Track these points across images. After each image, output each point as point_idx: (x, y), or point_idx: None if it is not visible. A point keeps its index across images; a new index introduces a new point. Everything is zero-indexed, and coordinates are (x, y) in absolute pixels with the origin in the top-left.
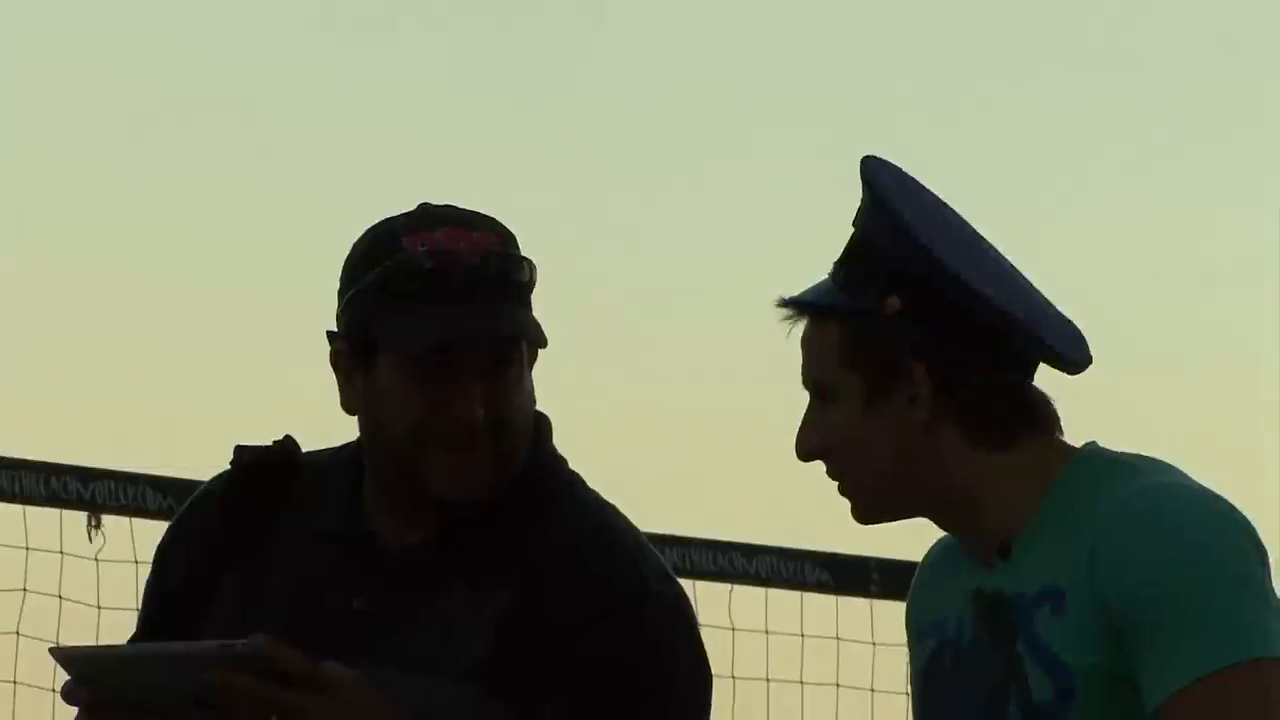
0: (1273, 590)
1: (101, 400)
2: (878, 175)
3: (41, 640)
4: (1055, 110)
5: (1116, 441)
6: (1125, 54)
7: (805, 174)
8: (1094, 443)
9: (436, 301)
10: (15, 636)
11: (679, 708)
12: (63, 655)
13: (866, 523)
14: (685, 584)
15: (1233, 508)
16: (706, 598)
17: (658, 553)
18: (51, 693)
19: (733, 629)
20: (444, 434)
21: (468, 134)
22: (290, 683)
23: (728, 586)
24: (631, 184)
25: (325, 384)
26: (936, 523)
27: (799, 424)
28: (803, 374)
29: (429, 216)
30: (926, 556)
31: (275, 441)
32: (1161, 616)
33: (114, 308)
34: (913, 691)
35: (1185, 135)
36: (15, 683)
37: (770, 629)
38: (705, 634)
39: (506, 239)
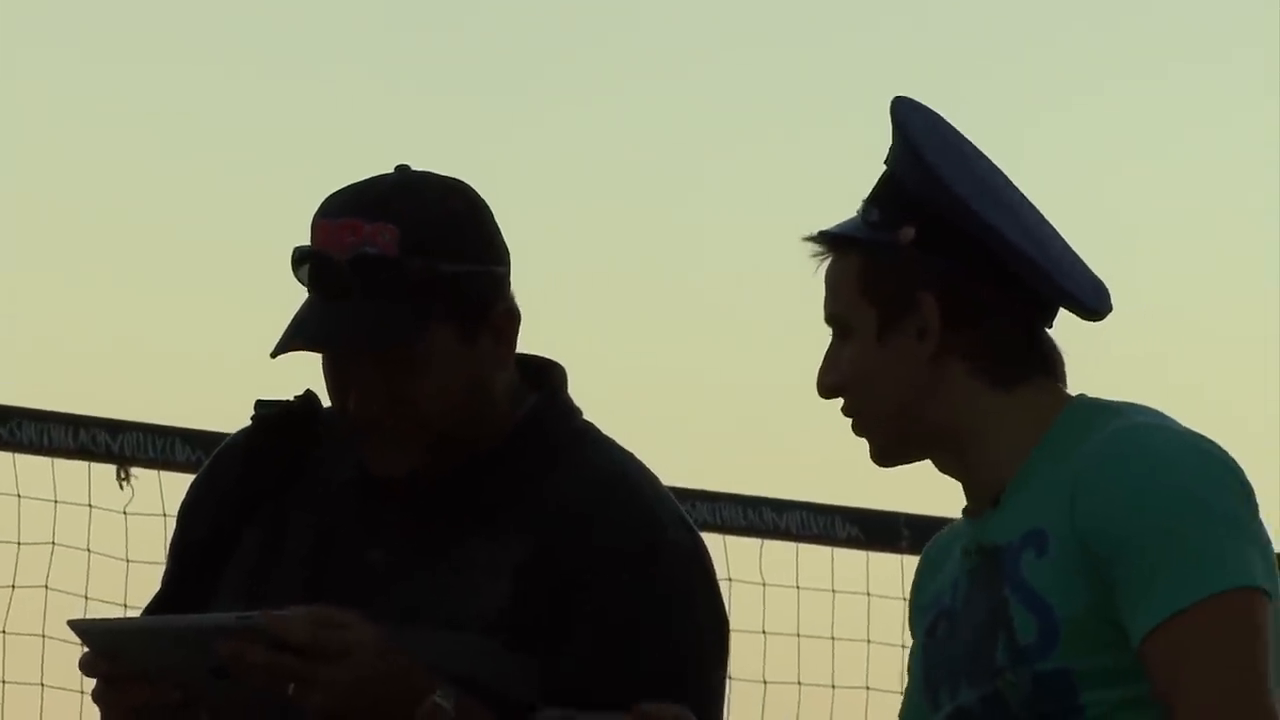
0: (1260, 527)
1: (130, 352)
2: (905, 113)
3: (70, 594)
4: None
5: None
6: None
7: (835, 131)
8: (1084, 394)
9: (309, 296)
10: (44, 590)
11: (696, 654)
12: (81, 627)
13: (883, 464)
14: (715, 539)
15: (1216, 446)
16: (737, 553)
17: (676, 501)
18: (79, 647)
19: (763, 584)
20: (352, 420)
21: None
22: (305, 652)
23: (758, 542)
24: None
25: None
26: (941, 466)
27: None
28: (825, 310)
29: (327, 203)
30: (934, 539)
31: (296, 396)
32: (1141, 551)
33: (143, 259)
34: (911, 670)
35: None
36: (44, 636)
37: (801, 584)
38: (736, 589)
39: (371, 229)
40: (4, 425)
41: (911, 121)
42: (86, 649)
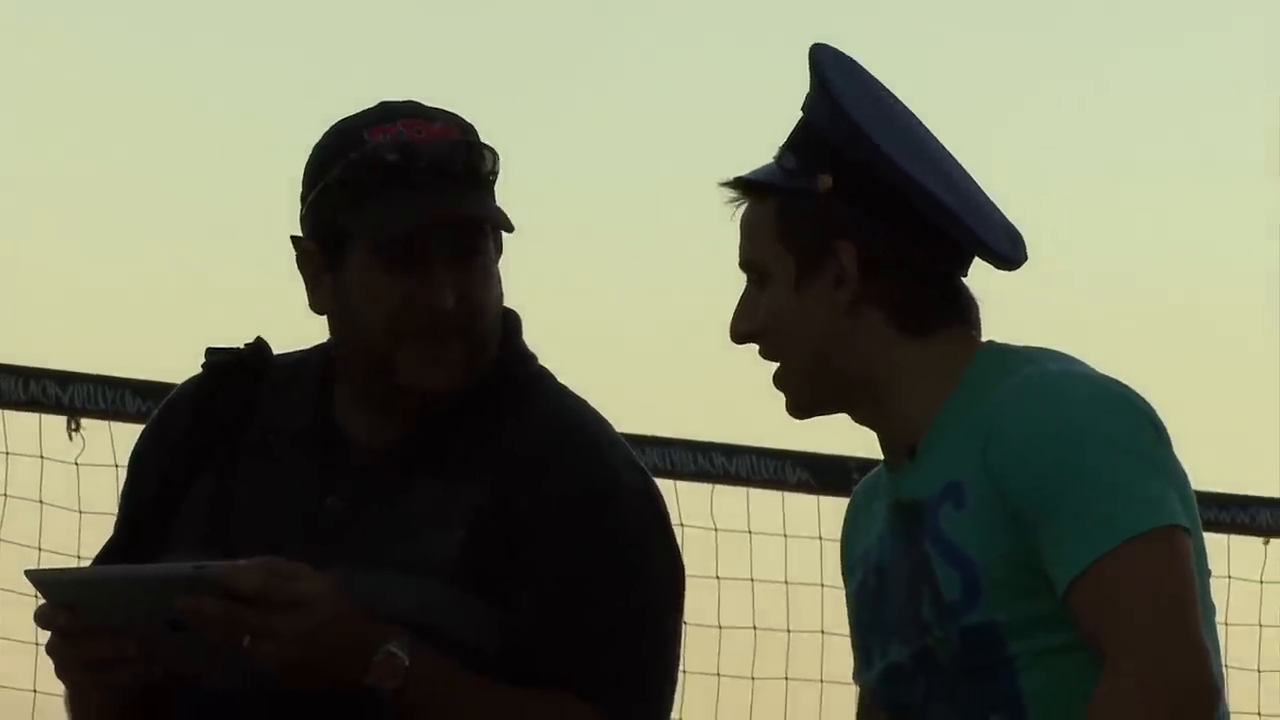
0: (1175, 464)
1: (79, 303)
2: (824, 61)
3: (22, 546)
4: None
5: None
6: None
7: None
8: (993, 340)
9: (404, 190)
10: None
11: (651, 597)
12: (37, 577)
13: (798, 415)
14: (666, 484)
15: (1128, 389)
16: (688, 498)
17: (629, 446)
18: (33, 598)
19: (715, 529)
20: (416, 324)
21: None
22: (258, 603)
23: (709, 486)
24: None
25: (300, 286)
26: (857, 418)
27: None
28: (740, 256)
29: (389, 110)
30: (852, 497)
31: (246, 344)
32: (1057, 497)
33: (92, 207)
34: (850, 627)
35: None
36: None
37: (752, 529)
38: (688, 535)
39: (467, 129)
40: None
41: (830, 70)
42: (43, 600)
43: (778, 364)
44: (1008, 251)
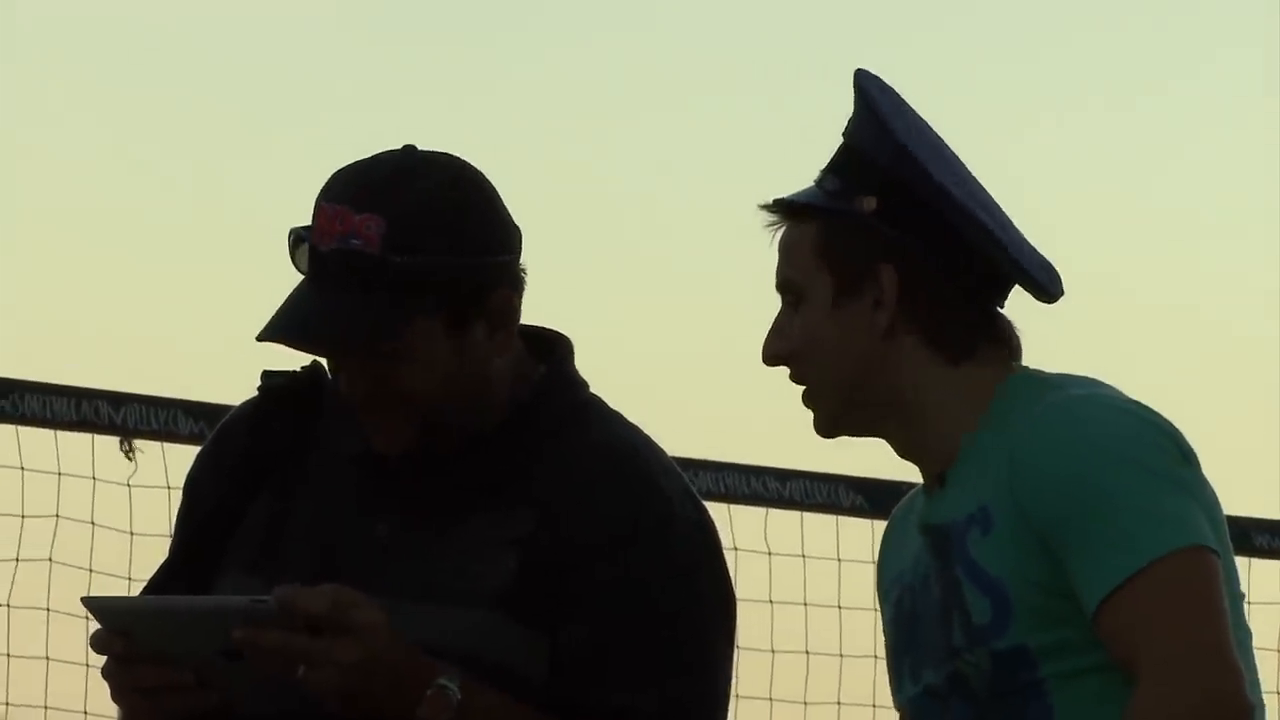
0: (1202, 486)
1: (132, 324)
2: (870, 86)
3: (75, 567)
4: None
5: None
6: None
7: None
8: (1026, 367)
9: (297, 287)
10: (48, 563)
11: (703, 631)
12: (94, 605)
13: (827, 434)
14: (720, 509)
15: (1153, 413)
16: (742, 522)
17: (683, 474)
18: (85, 620)
19: (769, 553)
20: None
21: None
22: (316, 630)
23: (763, 510)
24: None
25: None
26: (891, 442)
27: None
28: (777, 276)
29: (329, 181)
30: (890, 518)
31: (303, 366)
32: (1084, 520)
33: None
34: (887, 650)
35: None
36: (49, 610)
37: (807, 553)
38: (742, 559)
39: (395, 222)
40: (6, 398)
41: (877, 95)
42: (98, 625)
43: (808, 385)
44: (1050, 285)
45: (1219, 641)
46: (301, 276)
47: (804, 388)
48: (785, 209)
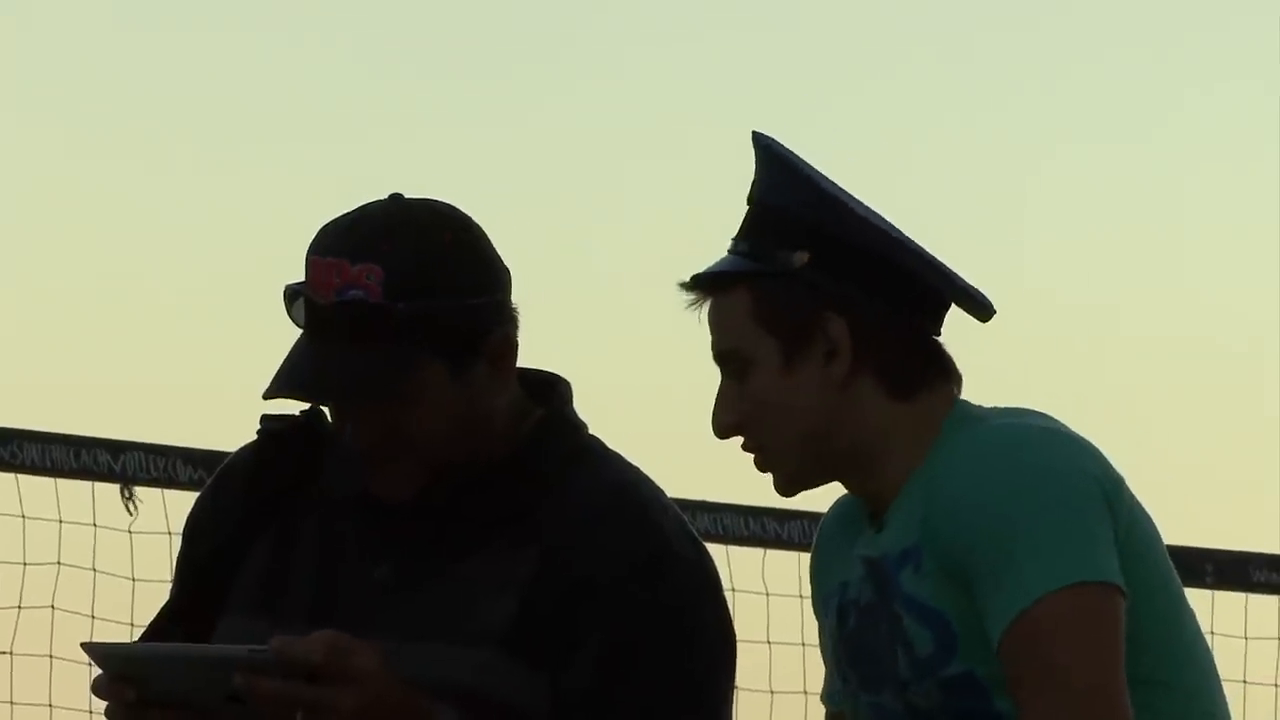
0: (1122, 517)
1: (130, 372)
2: (773, 143)
3: (76, 614)
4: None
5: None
6: None
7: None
8: (963, 400)
9: (300, 337)
10: (50, 610)
11: (703, 665)
12: (96, 651)
13: (789, 494)
14: (718, 549)
15: (1075, 442)
16: (740, 562)
17: (682, 515)
18: (87, 666)
19: (767, 594)
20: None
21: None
22: (315, 677)
23: (761, 551)
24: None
25: None
26: (849, 486)
27: (714, 404)
28: (714, 350)
29: (319, 235)
30: (824, 519)
31: (301, 412)
32: (987, 550)
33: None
34: (824, 651)
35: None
36: (51, 657)
37: (804, 594)
38: (740, 599)
39: (393, 270)
40: (4, 447)
41: (784, 151)
42: (100, 672)
43: (763, 452)
44: (986, 301)
45: (1099, 683)
46: (300, 332)
47: (757, 454)
48: (710, 282)
